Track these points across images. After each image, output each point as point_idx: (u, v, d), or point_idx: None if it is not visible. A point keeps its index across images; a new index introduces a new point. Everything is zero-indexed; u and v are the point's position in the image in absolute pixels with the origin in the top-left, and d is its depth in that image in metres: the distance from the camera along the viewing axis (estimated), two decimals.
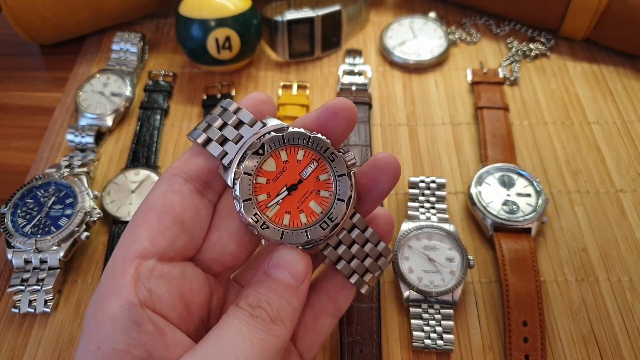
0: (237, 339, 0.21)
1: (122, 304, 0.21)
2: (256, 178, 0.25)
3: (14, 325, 0.37)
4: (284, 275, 0.23)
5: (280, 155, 0.25)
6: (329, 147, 0.25)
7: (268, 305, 0.22)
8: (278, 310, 0.22)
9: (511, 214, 0.40)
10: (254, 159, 0.24)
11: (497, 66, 0.53)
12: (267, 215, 0.24)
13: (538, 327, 0.35)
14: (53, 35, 0.54)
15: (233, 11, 0.47)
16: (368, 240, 0.26)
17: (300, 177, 0.25)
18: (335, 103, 0.26)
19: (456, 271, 0.37)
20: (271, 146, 0.25)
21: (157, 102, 0.50)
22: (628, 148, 0.47)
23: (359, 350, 0.35)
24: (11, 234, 0.38)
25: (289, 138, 0.25)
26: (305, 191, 0.25)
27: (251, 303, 0.22)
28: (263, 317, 0.22)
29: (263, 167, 0.25)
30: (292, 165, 0.25)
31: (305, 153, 0.25)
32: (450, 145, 0.47)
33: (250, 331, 0.21)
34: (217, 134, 0.25)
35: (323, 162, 0.25)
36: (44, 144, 0.48)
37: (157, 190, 0.24)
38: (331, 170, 0.25)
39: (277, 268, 0.24)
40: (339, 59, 0.54)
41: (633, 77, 0.52)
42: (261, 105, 0.26)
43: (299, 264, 0.24)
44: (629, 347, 0.36)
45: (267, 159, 0.25)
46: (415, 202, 0.41)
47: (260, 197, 0.25)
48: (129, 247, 0.23)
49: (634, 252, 0.40)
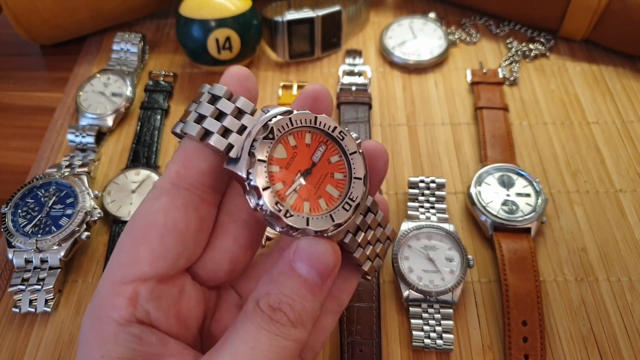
0: (255, 349, 0.20)
1: (122, 321, 0.21)
2: (270, 167, 0.22)
3: (14, 324, 0.37)
4: (310, 274, 0.21)
5: (289, 140, 0.23)
6: (337, 125, 0.24)
7: (290, 308, 0.21)
8: (300, 313, 0.21)
9: (511, 213, 0.40)
10: (264, 145, 0.22)
11: (496, 66, 0.53)
12: (288, 204, 0.22)
13: (537, 326, 0.36)
14: (53, 36, 0.54)
15: (233, 11, 0.47)
16: (379, 224, 0.26)
17: (313, 161, 0.24)
18: (314, 89, 0.25)
19: (456, 271, 0.37)
20: (280, 130, 0.23)
21: (157, 102, 0.50)
22: (627, 148, 0.47)
23: (359, 349, 0.35)
24: (12, 234, 0.38)
25: (296, 120, 0.23)
26: (320, 175, 0.24)
27: (272, 304, 0.21)
28: (284, 322, 0.21)
29: (274, 155, 0.23)
30: (301, 149, 0.24)
31: (313, 136, 0.24)
32: (450, 145, 0.47)
33: (268, 339, 0.20)
34: (216, 125, 0.22)
35: (331, 143, 0.24)
36: (45, 144, 0.48)
37: (158, 203, 0.22)
38: (341, 150, 0.24)
39: (304, 262, 0.22)
40: (339, 60, 0.55)
41: (632, 77, 0.52)
42: (245, 82, 0.24)
43: (329, 258, 0.22)
44: (628, 347, 0.36)
45: (277, 145, 0.23)
46: (415, 202, 0.41)
47: (277, 186, 0.22)
48: (128, 267, 0.22)
49: (634, 252, 0.40)
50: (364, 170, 0.24)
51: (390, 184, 0.45)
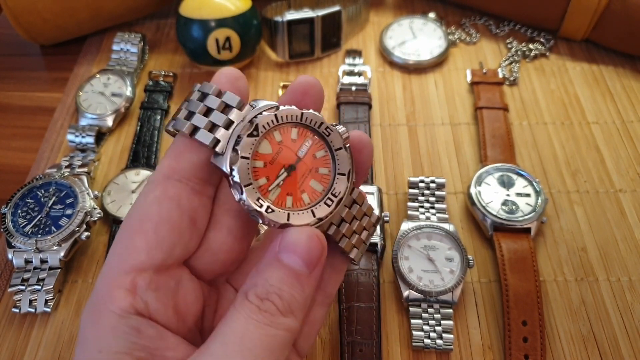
0: (244, 338, 0.20)
1: (121, 313, 0.21)
2: (253, 162, 0.23)
3: (14, 325, 0.37)
4: (296, 264, 0.22)
5: (274, 136, 0.24)
6: (323, 121, 0.24)
7: (278, 298, 0.21)
8: (289, 303, 0.21)
9: (511, 213, 0.40)
10: (248, 141, 0.23)
11: (496, 66, 0.53)
12: (270, 199, 0.23)
13: (537, 326, 0.36)
14: (53, 36, 0.54)
15: (233, 12, 0.47)
16: (365, 214, 0.26)
17: (297, 156, 0.24)
18: (303, 82, 0.25)
19: (456, 271, 0.37)
20: (265, 127, 0.23)
21: (157, 103, 0.50)
22: (627, 148, 0.47)
23: (359, 349, 0.35)
24: (12, 234, 0.38)
25: (282, 117, 0.24)
26: (304, 170, 0.24)
27: (260, 295, 0.21)
28: (272, 311, 0.21)
29: (259, 150, 0.23)
30: (287, 145, 0.24)
31: (299, 131, 0.24)
32: (449, 146, 0.47)
33: (258, 328, 0.20)
34: (203, 120, 0.23)
35: (317, 138, 0.24)
36: (45, 144, 0.48)
37: (151, 195, 0.23)
38: (327, 145, 0.24)
39: (289, 252, 0.22)
40: (338, 60, 0.55)
41: (632, 77, 0.52)
42: (236, 82, 0.25)
43: (314, 247, 0.22)
44: (628, 346, 0.36)
45: (262, 141, 0.23)
46: (415, 202, 0.41)
47: (260, 181, 0.23)
48: (125, 258, 0.22)
49: (634, 252, 0.40)
50: (349, 165, 0.25)
51: (390, 184, 0.45)
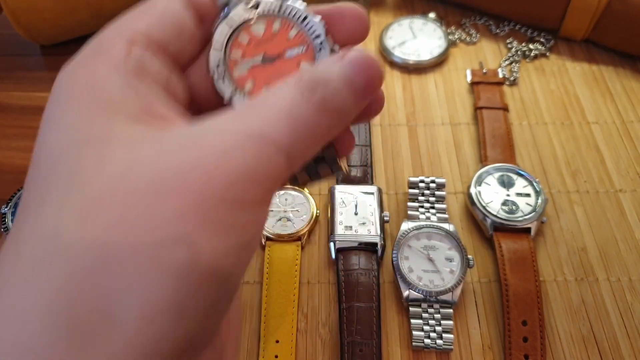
0: (287, 100, 0.18)
1: (126, 53, 0.19)
2: (240, 32, 0.22)
3: None
4: (358, 78, 0.19)
5: (273, 24, 0.22)
6: (320, 34, 0.22)
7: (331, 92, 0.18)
8: (336, 103, 0.19)
9: (511, 213, 0.40)
10: (246, 10, 0.22)
11: (496, 66, 0.53)
12: (231, 71, 0.22)
13: (537, 326, 0.36)
14: (53, 36, 0.54)
15: None
16: None
17: (282, 54, 0.22)
18: (346, 7, 0.22)
19: (456, 271, 0.37)
20: (264, 10, 0.22)
21: None
22: (627, 148, 0.47)
23: (359, 349, 0.35)
24: None
25: (286, 9, 0.22)
26: (280, 70, 0.22)
27: (315, 80, 0.19)
28: (320, 96, 0.18)
29: (251, 26, 0.22)
30: (280, 38, 0.23)
31: (299, 34, 0.23)
32: (449, 146, 0.47)
33: (304, 99, 0.18)
34: None
35: (312, 49, 0.23)
36: None
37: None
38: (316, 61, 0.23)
39: (354, 66, 0.19)
40: None
41: (632, 77, 0.52)
42: None
43: (376, 71, 0.19)
44: (628, 346, 0.36)
45: (258, 20, 0.22)
46: (415, 202, 0.41)
47: (235, 52, 0.22)
48: (124, 21, 0.20)
49: (634, 252, 0.40)
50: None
51: (390, 183, 0.45)
